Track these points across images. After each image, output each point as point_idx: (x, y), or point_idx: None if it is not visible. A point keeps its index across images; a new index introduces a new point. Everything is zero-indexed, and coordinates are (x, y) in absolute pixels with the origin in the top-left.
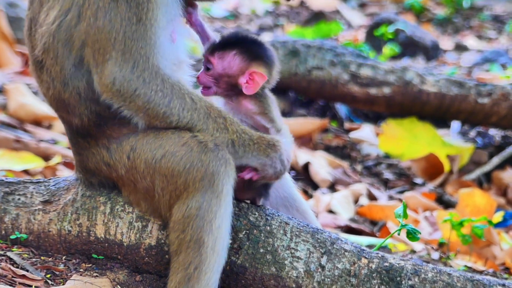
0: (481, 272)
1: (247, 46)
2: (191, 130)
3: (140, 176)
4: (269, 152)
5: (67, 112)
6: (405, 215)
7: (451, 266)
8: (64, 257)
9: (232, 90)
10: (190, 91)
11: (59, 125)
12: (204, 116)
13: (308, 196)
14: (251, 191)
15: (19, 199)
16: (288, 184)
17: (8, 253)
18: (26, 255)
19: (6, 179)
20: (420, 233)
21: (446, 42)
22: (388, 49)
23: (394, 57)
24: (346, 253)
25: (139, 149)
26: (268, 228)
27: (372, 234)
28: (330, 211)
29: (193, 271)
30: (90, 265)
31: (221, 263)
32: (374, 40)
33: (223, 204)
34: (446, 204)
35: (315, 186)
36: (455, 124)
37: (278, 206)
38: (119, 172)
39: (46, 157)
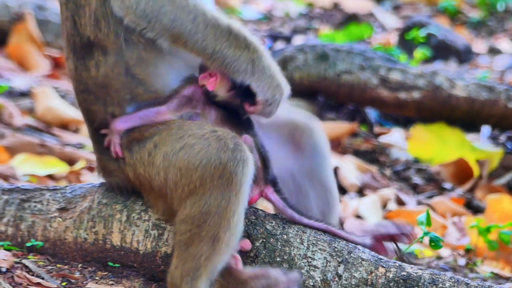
0: (507, 279)
1: None
2: (215, 51)
3: (155, 172)
4: (276, 91)
5: (104, 103)
6: (428, 223)
7: (477, 273)
8: (80, 265)
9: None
10: (210, 9)
11: (85, 129)
12: (227, 33)
13: None
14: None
15: (35, 206)
16: (319, 158)
17: (24, 261)
18: (42, 263)
19: (22, 186)
20: (442, 241)
21: (479, 45)
22: (420, 53)
23: (427, 61)
24: (363, 262)
25: (161, 144)
26: (285, 236)
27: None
28: (358, 216)
29: (203, 262)
30: (106, 273)
31: (230, 254)
32: (407, 44)
33: (241, 202)
34: (475, 209)
35: (343, 191)
36: (485, 129)
37: (302, 177)
38: (138, 170)
39: (71, 161)
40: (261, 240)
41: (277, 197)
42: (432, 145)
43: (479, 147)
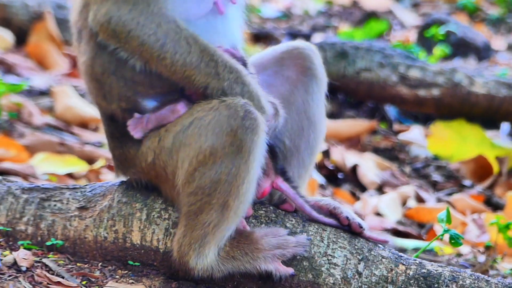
0: None
1: None
2: (186, 76)
3: (166, 157)
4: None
5: (104, 98)
6: (448, 220)
7: (497, 270)
8: (100, 264)
9: None
10: (188, 34)
11: None
12: (197, 60)
13: (356, 198)
14: None
15: (55, 205)
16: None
17: (44, 260)
18: (62, 262)
19: (42, 185)
20: (463, 238)
21: (498, 42)
22: (439, 50)
23: (446, 58)
24: (384, 260)
25: (172, 126)
26: (305, 234)
27: (419, 237)
28: (378, 214)
29: (211, 229)
30: (126, 271)
31: (238, 222)
32: (426, 41)
33: (251, 170)
34: (495, 206)
35: (363, 188)
36: (505, 126)
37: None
38: (148, 159)
39: (90, 160)
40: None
41: (288, 186)
42: (451, 142)
43: (498, 144)
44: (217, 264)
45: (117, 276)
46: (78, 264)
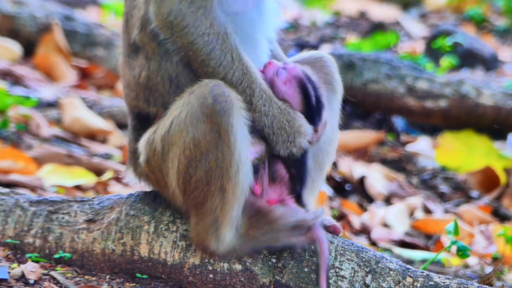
0: None
1: None
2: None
3: (160, 161)
4: (293, 139)
5: (147, 102)
6: (456, 232)
7: (504, 281)
8: (108, 276)
9: None
10: (234, 46)
11: (113, 140)
12: (236, 81)
13: (363, 209)
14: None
15: (63, 218)
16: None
17: (52, 273)
18: (70, 274)
19: (50, 197)
20: (470, 250)
21: (505, 53)
22: (446, 61)
23: (453, 69)
24: (391, 272)
25: (158, 130)
26: (313, 247)
27: (426, 248)
28: (385, 225)
29: (219, 212)
30: (134, 284)
31: (241, 203)
32: (433, 52)
33: (235, 150)
34: (502, 217)
35: (371, 200)
36: None
37: None
38: (142, 159)
39: (98, 172)
40: (288, 250)
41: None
42: (459, 153)
43: (506, 155)
44: (237, 243)
45: None
46: (86, 276)
